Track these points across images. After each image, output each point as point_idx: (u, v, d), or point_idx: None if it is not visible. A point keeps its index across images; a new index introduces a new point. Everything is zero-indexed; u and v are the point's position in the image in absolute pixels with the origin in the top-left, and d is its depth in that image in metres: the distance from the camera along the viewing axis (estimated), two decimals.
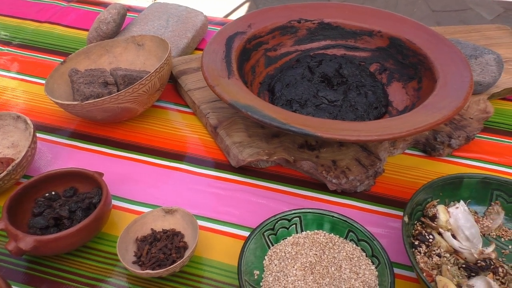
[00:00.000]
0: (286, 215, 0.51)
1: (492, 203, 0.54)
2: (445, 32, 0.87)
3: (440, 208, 0.52)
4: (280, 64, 0.72)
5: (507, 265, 0.50)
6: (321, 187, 0.60)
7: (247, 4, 2.15)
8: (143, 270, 0.47)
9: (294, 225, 0.51)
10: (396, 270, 0.51)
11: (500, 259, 0.50)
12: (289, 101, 0.62)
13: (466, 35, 0.86)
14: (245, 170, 0.63)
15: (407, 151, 0.66)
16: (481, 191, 0.54)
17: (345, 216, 0.50)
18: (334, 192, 0.59)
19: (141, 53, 0.75)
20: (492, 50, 0.67)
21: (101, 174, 0.55)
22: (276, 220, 0.50)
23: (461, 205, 0.53)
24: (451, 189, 0.54)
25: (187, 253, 0.47)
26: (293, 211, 0.51)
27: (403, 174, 0.63)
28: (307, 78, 0.66)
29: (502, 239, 0.53)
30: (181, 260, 0.46)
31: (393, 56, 0.69)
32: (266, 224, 0.50)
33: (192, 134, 0.69)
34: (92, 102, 0.59)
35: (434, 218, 0.51)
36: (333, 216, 0.51)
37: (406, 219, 0.48)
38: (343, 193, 0.59)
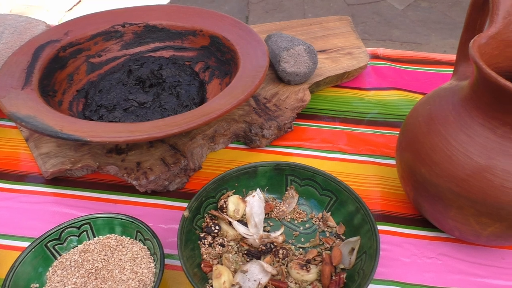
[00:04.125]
0: (73, 223, 0.50)
1: (288, 188, 0.57)
2: (289, 26, 0.91)
3: (231, 199, 0.53)
4: (105, 70, 0.71)
5: (295, 245, 0.52)
6: (136, 190, 0.60)
7: None
8: None
9: (85, 232, 0.51)
10: None
11: (289, 241, 0.53)
12: (99, 106, 0.62)
13: (307, 28, 0.90)
14: (60, 180, 0.61)
15: (231, 145, 0.68)
16: (276, 178, 0.56)
17: (133, 217, 0.50)
18: (146, 193, 0.60)
19: None
20: (304, 41, 0.70)
21: None
22: (62, 229, 0.49)
23: (257, 193, 0.54)
24: (247, 178, 0.55)
25: None
26: (80, 218, 0.50)
27: (222, 168, 0.64)
28: (122, 82, 0.65)
29: (296, 222, 0.55)
30: None
31: (214, 53, 0.71)
32: (49, 235, 0.49)
33: (14, 149, 0.66)
34: None
35: (223, 209, 0.52)
36: (122, 219, 0.50)
37: (186, 213, 0.49)
38: (157, 194, 0.60)
